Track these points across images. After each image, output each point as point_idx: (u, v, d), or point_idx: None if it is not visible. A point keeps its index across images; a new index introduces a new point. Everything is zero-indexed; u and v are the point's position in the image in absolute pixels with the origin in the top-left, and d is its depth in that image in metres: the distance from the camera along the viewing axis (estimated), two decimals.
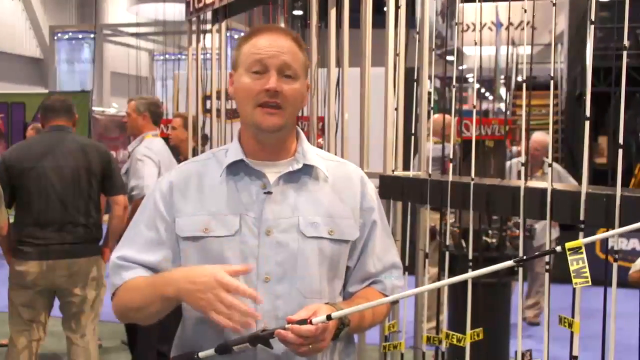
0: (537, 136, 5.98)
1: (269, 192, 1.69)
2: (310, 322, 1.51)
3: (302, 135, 1.79)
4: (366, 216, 1.78)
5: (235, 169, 1.72)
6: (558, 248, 1.42)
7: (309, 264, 1.67)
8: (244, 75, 1.68)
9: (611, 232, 1.48)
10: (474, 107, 2.89)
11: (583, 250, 1.39)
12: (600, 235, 1.49)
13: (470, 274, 1.53)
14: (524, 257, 1.50)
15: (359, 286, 1.80)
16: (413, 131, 3.12)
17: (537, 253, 1.57)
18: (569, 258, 1.38)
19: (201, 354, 1.62)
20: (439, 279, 3.14)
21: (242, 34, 1.76)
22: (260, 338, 1.54)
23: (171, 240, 1.73)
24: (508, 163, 5.62)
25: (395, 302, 1.93)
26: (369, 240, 1.78)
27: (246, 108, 1.68)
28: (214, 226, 1.67)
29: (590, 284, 1.41)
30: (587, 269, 1.39)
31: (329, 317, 1.52)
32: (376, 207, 1.80)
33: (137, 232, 1.76)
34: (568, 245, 1.39)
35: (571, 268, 1.39)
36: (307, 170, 1.73)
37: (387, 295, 1.79)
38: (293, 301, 1.65)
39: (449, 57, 3.03)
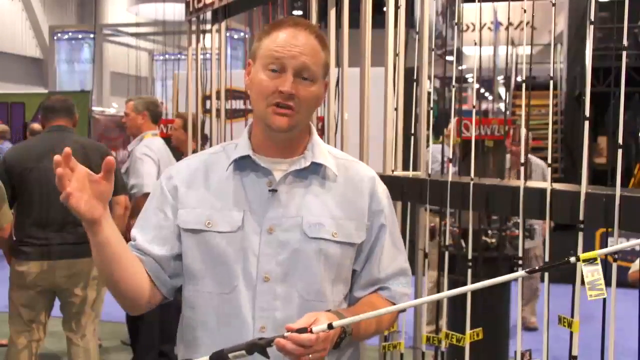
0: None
1: (274, 190, 1.65)
2: (311, 331, 1.45)
3: (314, 132, 1.75)
4: (374, 219, 1.73)
5: (242, 164, 1.69)
6: (572, 259, 1.38)
7: (310, 265, 1.63)
8: (261, 71, 1.63)
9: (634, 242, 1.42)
10: (474, 107, 2.89)
11: (598, 261, 1.36)
12: (617, 247, 1.44)
13: (479, 284, 1.43)
14: (536, 268, 1.46)
15: (365, 291, 1.75)
16: (413, 131, 3.12)
17: (553, 263, 1.52)
18: (584, 270, 1.34)
19: None
20: (438, 281, 3.15)
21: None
22: (257, 346, 1.48)
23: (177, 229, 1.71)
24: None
25: (402, 311, 1.89)
26: (377, 244, 1.73)
27: (259, 105, 1.64)
28: (216, 221, 1.65)
29: (605, 296, 1.38)
30: (602, 281, 1.34)
31: (330, 326, 1.45)
32: (386, 210, 1.75)
33: (146, 218, 1.73)
34: (583, 256, 1.35)
35: (586, 280, 1.35)
36: (316, 168, 1.69)
37: (393, 303, 1.74)
38: (292, 302, 1.62)
39: (448, 57, 3.03)
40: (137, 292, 1.67)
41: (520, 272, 1.43)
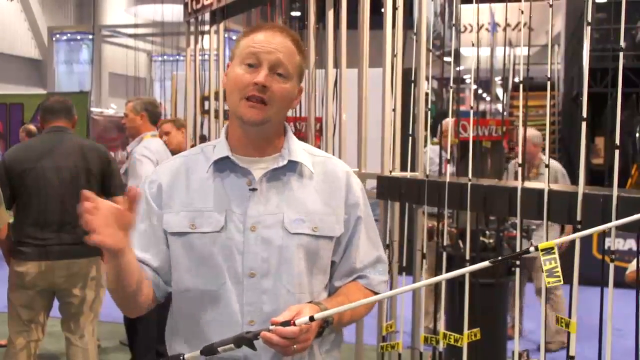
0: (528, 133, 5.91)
1: (254, 189, 1.71)
2: (294, 324, 1.53)
3: (290, 131, 1.81)
4: (351, 212, 1.79)
5: (221, 165, 1.74)
6: (532, 249, 1.43)
7: (293, 259, 1.69)
8: (237, 67, 1.70)
9: (592, 229, 1.49)
10: (471, 108, 2.89)
11: (555, 250, 1.41)
12: (572, 236, 1.51)
13: (443, 276, 1.58)
14: (499, 258, 1.52)
15: (344, 280, 1.82)
16: (410, 132, 3.13)
17: (511, 254, 1.58)
18: (542, 258, 1.41)
19: (187, 356, 1.64)
20: (435, 288, 3.15)
21: (241, 35, 1.78)
22: (244, 339, 1.56)
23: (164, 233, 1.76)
24: (512, 163, 5.60)
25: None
26: (354, 236, 1.80)
27: (233, 98, 1.70)
28: (200, 222, 1.70)
29: (562, 282, 1.43)
30: (559, 269, 1.41)
31: (311, 319, 1.54)
32: (361, 203, 1.82)
33: (135, 229, 1.76)
34: (541, 245, 1.41)
35: (544, 268, 1.41)
36: (293, 166, 1.75)
37: (371, 289, 1.83)
38: (278, 296, 1.68)
39: (446, 58, 3.04)
40: (142, 300, 1.73)
41: (485, 263, 1.48)
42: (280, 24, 4.64)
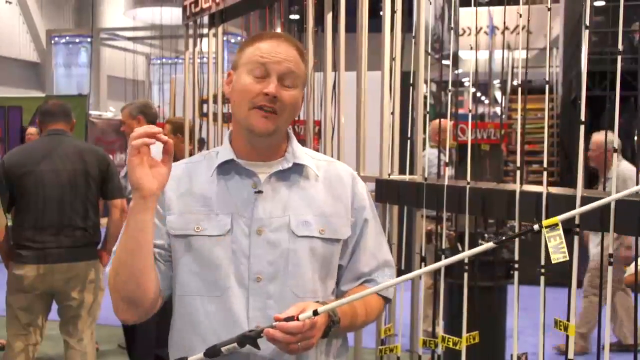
0: (594, 137, 5.60)
1: (260, 191, 1.69)
2: (297, 319, 1.52)
3: (292, 135, 1.80)
4: (358, 214, 1.78)
5: (226, 168, 1.73)
6: (536, 227, 1.43)
7: (300, 263, 1.67)
8: (245, 76, 1.68)
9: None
10: (470, 111, 2.90)
11: (560, 227, 1.40)
12: (574, 212, 1.56)
13: (444, 261, 1.60)
14: (503, 238, 1.52)
15: (352, 285, 1.80)
16: (409, 135, 3.13)
17: (515, 233, 1.58)
18: (547, 235, 1.40)
19: (190, 359, 1.62)
20: (434, 286, 3.15)
21: (240, 38, 1.77)
22: (248, 338, 1.55)
23: (166, 232, 1.73)
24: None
25: (388, 301, 1.92)
26: (361, 239, 1.79)
27: (242, 109, 1.68)
28: (205, 225, 1.68)
29: (567, 258, 1.43)
30: (564, 245, 1.40)
31: (315, 313, 1.53)
32: (367, 205, 1.81)
33: None
34: (545, 222, 1.40)
35: (549, 245, 1.41)
36: (298, 169, 1.74)
37: (379, 294, 1.81)
38: (285, 300, 1.65)
39: (445, 61, 3.04)
40: (150, 288, 1.67)
41: (489, 244, 1.48)
42: (277, 28, 4.65)
